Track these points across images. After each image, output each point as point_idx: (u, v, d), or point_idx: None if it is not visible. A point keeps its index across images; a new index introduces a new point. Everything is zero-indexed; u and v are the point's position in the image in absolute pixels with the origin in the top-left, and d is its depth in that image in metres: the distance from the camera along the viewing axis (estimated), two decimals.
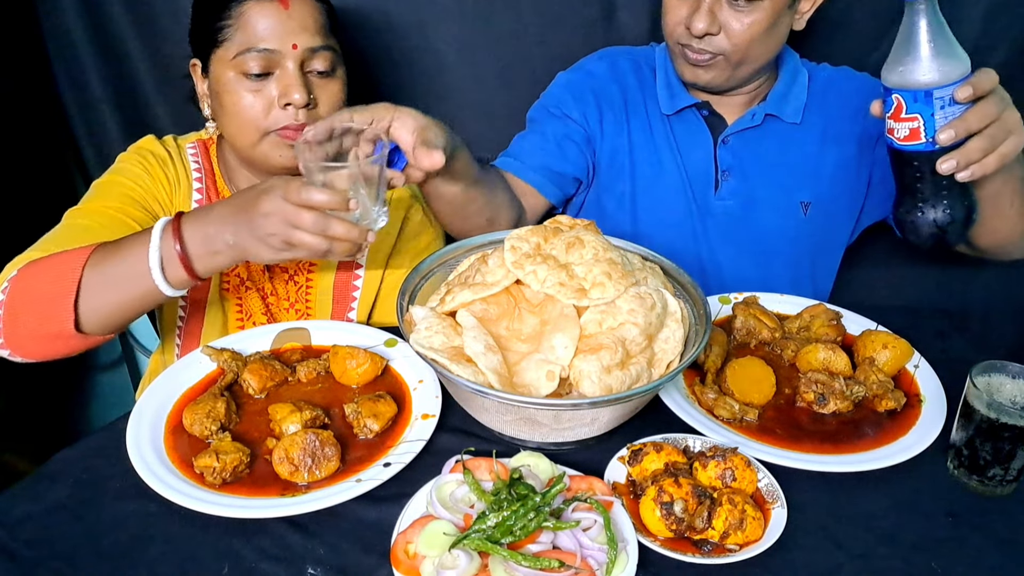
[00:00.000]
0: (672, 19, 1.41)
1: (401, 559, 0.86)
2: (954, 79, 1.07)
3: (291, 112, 1.23)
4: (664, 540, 0.90)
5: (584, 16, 1.75)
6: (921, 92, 1.08)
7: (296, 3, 1.23)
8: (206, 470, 0.96)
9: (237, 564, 0.89)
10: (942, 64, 1.07)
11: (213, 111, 1.32)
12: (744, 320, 1.27)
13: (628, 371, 0.99)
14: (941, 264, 1.96)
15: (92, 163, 1.85)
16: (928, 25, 1.07)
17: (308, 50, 1.23)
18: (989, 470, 0.99)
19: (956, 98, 1.07)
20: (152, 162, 1.35)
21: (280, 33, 1.21)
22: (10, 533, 0.93)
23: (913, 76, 1.08)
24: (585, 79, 1.57)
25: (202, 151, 1.41)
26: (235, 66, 1.23)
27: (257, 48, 1.21)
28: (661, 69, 1.57)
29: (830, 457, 1.03)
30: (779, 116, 1.51)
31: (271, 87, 1.23)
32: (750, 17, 1.34)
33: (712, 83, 1.45)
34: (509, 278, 1.05)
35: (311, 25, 1.24)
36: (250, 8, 1.21)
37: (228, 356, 1.15)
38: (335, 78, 1.29)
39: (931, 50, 1.07)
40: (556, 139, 1.53)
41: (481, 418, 1.06)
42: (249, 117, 1.24)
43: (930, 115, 1.08)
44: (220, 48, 1.24)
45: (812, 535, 0.94)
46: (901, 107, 1.11)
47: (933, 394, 1.14)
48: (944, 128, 1.07)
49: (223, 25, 1.22)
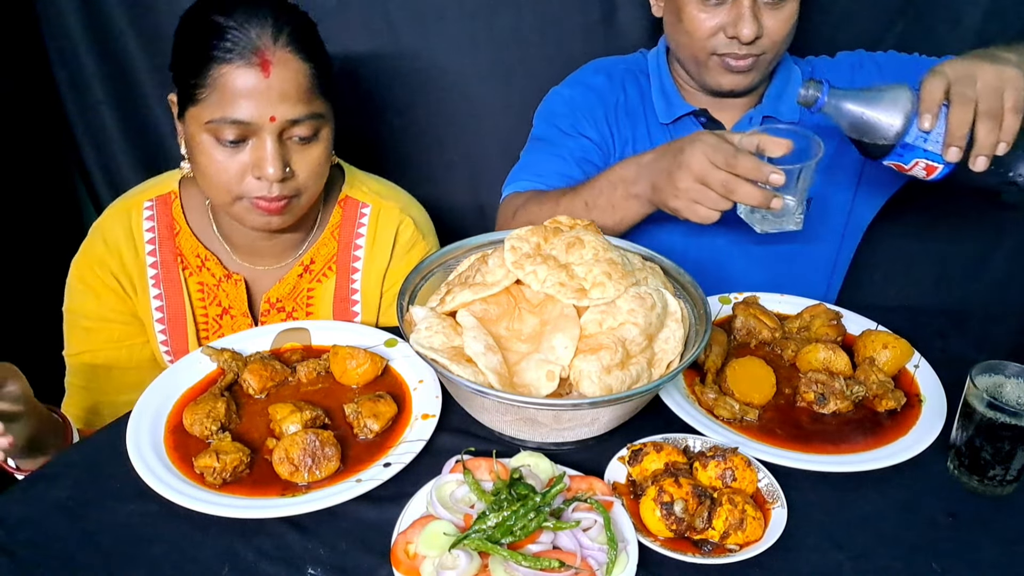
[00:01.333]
0: (704, 30, 1.37)
1: (401, 559, 0.86)
2: (904, 120, 1.10)
3: (265, 184, 1.17)
4: (664, 540, 0.90)
5: (584, 18, 1.75)
6: (897, 148, 1.12)
7: (278, 68, 1.13)
8: (206, 470, 0.96)
9: (237, 564, 0.89)
10: (883, 114, 1.10)
11: (188, 157, 1.25)
12: (744, 320, 1.27)
13: (628, 371, 0.99)
14: (941, 264, 1.97)
15: (92, 163, 1.85)
16: (848, 109, 1.13)
17: (287, 121, 1.15)
18: (989, 470, 0.99)
19: (923, 128, 1.09)
20: (98, 275, 1.32)
21: (258, 104, 1.13)
22: (10, 533, 0.93)
23: (878, 146, 1.13)
24: (590, 95, 1.54)
25: (160, 208, 1.35)
26: (208, 129, 1.15)
27: (232, 119, 1.13)
28: (655, 77, 1.56)
29: (830, 457, 1.02)
30: (776, 117, 1.51)
31: (245, 154, 1.17)
32: (785, 12, 1.35)
33: (749, 87, 1.44)
34: (509, 278, 1.05)
35: (293, 93, 1.15)
36: (227, 73, 1.12)
37: (228, 356, 1.15)
38: (317, 142, 1.21)
39: (868, 120, 1.12)
40: (575, 159, 1.49)
41: (481, 418, 1.06)
42: (222, 181, 1.18)
43: (923, 152, 1.11)
44: (195, 106, 1.16)
45: (812, 535, 0.93)
46: (900, 167, 1.15)
47: (933, 394, 1.14)
48: (945, 150, 1.09)
49: (199, 84, 1.14)
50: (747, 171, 1.12)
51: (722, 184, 1.14)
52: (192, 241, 1.35)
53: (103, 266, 1.33)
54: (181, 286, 1.35)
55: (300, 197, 1.23)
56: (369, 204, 1.41)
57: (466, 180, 1.91)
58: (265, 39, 1.13)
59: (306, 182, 1.22)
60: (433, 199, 1.86)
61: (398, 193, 1.47)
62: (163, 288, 1.35)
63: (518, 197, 1.46)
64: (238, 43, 1.12)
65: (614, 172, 1.32)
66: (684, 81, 1.54)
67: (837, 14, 1.74)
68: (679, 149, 1.19)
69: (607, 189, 1.31)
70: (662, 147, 1.26)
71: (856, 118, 1.13)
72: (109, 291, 1.33)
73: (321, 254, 1.39)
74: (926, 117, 1.08)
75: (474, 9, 1.72)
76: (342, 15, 1.72)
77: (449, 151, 1.88)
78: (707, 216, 1.18)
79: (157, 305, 1.36)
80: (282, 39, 1.14)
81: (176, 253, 1.35)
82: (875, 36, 1.76)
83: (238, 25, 1.13)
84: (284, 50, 1.14)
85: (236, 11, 1.14)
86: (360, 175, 1.45)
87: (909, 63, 1.51)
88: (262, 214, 1.21)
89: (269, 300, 1.37)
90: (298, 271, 1.37)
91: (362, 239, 1.40)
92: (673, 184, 1.18)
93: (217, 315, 1.37)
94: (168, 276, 1.35)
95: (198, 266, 1.36)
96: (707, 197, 1.16)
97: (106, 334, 1.35)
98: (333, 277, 1.39)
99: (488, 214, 1.92)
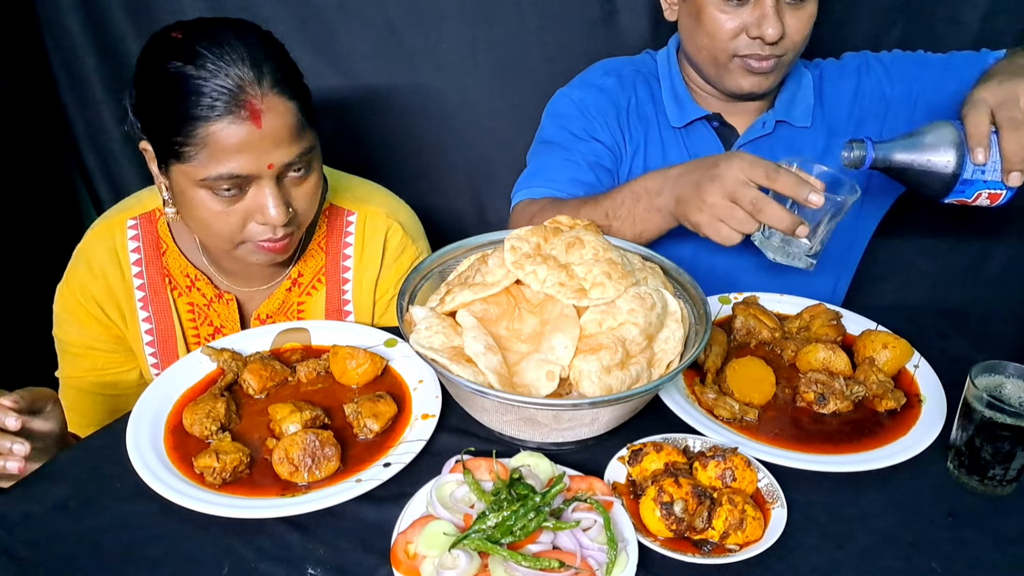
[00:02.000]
0: (726, 31, 1.35)
1: (401, 559, 0.86)
2: (956, 159, 1.10)
3: (269, 228, 1.15)
4: (664, 540, 0.90)
5: (585, 17, 1.75)
6: (957, 186, 1.11)
7: (269, 115, 1.07)
8: (206, 470, 0.96)
9: (237, 564, 0.89)
10: (938, 163, 1.10)
11: (176, 206, 1.19)
12: (744, 320, 1.27)
13: (628, 371, 0.99)
14: (941, 264, 1.97)
15: (92, 163, 1.85)
16: (898, 160, 1.12)
17: (284, 165, 1.12)
18: (989, 470, 0.99)
19: (977, 163, 1.09)
20: (81, 304, 1.30)
21: (254, 156, 1.08)
22: (10, 533, 0.93)
23: (938, 184, 1.12)
24: (601, 97, 1.51)
25: (144, 226, 1.31)
26: (203, 185, 1.10)
27: (229, 175, 1.08)
28: (666, 79, 1.53)
29: (830, 457, 1.02)
30: (789, 121, 1.49)
31: (245, 202, 1.13)
32: (806, 12, 1.34)
33: (768, 89, 1.42)
34: (509, 278, 1.05)
35: (286, 136, 1.10)
36: (216, 132, 1.05)
37: (228, 356, 1.15)
38: (311, 173, 1.18)
39: (921, 167, 1.11)
40: (588, 164, 1.46)
41: (481, 418, 1.06)
42: (223, 232, 1.15)
43: (983, 183, 1.11)
44: (182, 163, 1.09)
45: (812, 535, 0.93)
46: (964, 202, 1.15)
47: (933, 394, 1.14)
48: (1007, 176, 1.09)
49: (184, 143, 1.07)
50: (787, 187, 1.10)
51: (752, 202, 1.11)
52: (180, 260, 1.32)
53: (86, 293, 1.30)
54: (170, 307, 1.33)
55: (301, 228, 1.23)
56: (355, 211, 1.38)
57: (467, 181, 1.91)
58: (248, 85, 1.06)
59: (305, 213, 1.21)
60: (433, 200, 1.86)
61: (383, 196, 1.44)
62: (152, 310, 1.33)
63: (532, 204, 1.42)
64: (221, 96, 1.05)
65: (639, 183, 1.29)
66: (697, 84, 1.52)
67: (838, 13, 1.74)
68: (713, 163, 1.16)
69: (630, 200, 1.28)
70: (694, 161, 1.22)
71: (908, 167, 1.12)
72: (93, 320, 1.31)
73: (309, 266, 1.37)
74: (978, 151, 1.07)
75: (474, 9, 1.72)
76: (342, 16, 1.72)
77: (450, 152, 1.88)
78: (728, 237, 1.15)
79: (147, 328, 1.34)
80: (266, 81, 1.07)
81: (163, 273, 1.32)
82: (875, 35, 1.77)
83: (212, 75, 1.04)
84: (271, 93, 1.08)
85: (203, 56, 1.05)
86: (343, 179, 1.42)
87: (914, 62, 1.50)
88: (267, 254, 1.19)
89: (259, 317, 1.35)
90: (287, 285, 1.36)
91: (350, 248, 1.38)
92: (700, 197, 1.15)
93: (209, 334, 1.36)
94: (156, 297, 1.33)
95: (187, 286, 1.33)
96: (733, 216, 1.13)
97: (91, 362, 1.35)
98: (323, 289, 1.38)
99: (489, 215, 1.92)
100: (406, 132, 1.85)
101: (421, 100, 1.81)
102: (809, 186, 1.10)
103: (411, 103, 1.81)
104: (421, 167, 1.88)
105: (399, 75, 1.78)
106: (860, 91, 1.52)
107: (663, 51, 1.57)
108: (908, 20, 1.75)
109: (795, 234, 1.11)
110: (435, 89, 1.80)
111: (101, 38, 1.72)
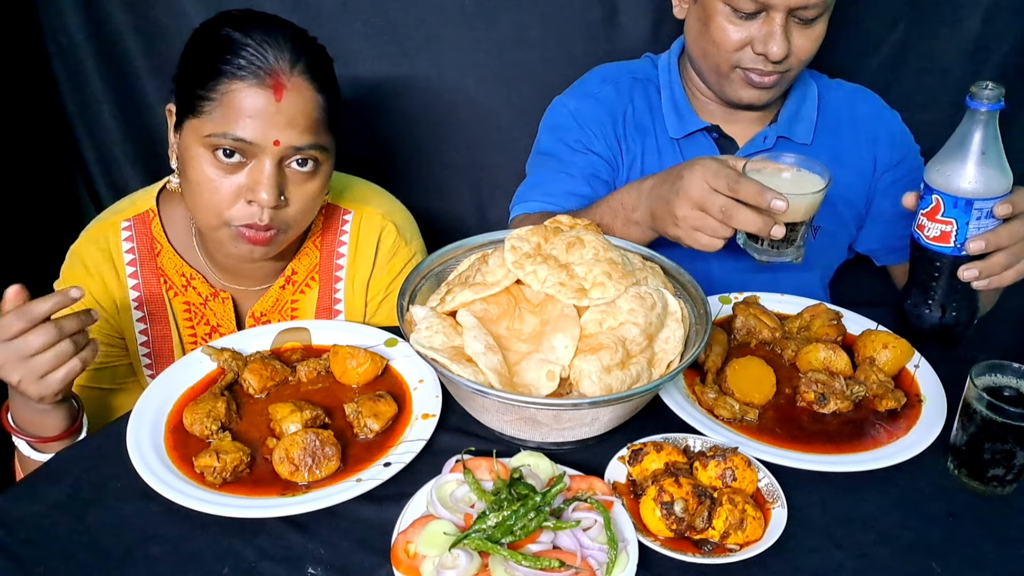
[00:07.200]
0: (731, 43, 1.34)
1: (401, 559, 0.86)
2: (997, 193, 1.09)
3: (256, 210, 1.14)
4: (664, 540, 0.90)
5: (585, 18, 1.75)
6: (963, 200, 1.10)
7: (291, 94, 1.11)
8: (206, 470, 0.96)
9: (237, 564, 0.89)
10: (990, 177, 1.09)
11: (179, 171, 1.21)
12: (744, 320, 1.27)
13: (628, 371, 0.99)
14: None
15: (92, 163, 1.85)
16: (985, 136, 1.08)
17: (291, 148, 1.12)
18: (989, 470, 0.99)
19: (995, 213, 1.09)
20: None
21: (264, 125, 1.10)
22: (10, 533, 0.93)
23: (959, 183, 1.10)
24: (598, 108, 1.50)
25: (139, 228, 1.31)
26: (207, 143, 1.12)
27: (234, 136, 1.10)
28: (666, 88, 1.51)
29: (830, 457, 1.02)
30: (791, 138, 1.48)
31: (241, 175, 1.13)
32: (815, 31, 1.34)
33: (768, 102, 1.42)
34: (509, 278, 1.05)
35: (301, 122, 1.12)
36: (238, 90, 1.09)
37: (228, 356, 1.15)
38: (316, 176, 1.18)
39: (983, 161, 1.09)
40: (584, 176, 1.46)
41: (481, 418, 1.06)
42: (211, 202, 1.14)
43: (965, 223, 1.11)
44: (196, 118, 1.12)
45: (812, 535, 0.93)
46: (939, 208, 1.13)
47: (933, 394, 1.14)
48: (976, 238, 1.10)
49: (205, 96, 1.11)
50: (749, 196, 1.09)
51: (721, 210, 1.11)
52: (176, 260, 1.32)
53: (83, 288, 1.29)
54: (166, 308, 1.33)
55: (287, 232, 1.21)
56: (351, 211, 1.38)
57: (467, 182, 1.91)
58: (282, 63, 1.11)
59: (296, 216, 1.19)
60: (433, 201, 1.86)
61: (381, 197, 1.44)
62: (147, 311, 1.33)
63: (528, 219, 1.42)
64: (253, 62, 1.10)
65: (614, 198, 1.30)
66: (698, 91, 1.50)
67: (838, 16, 1.74)
68: (678, 175, 1.16)
69: (608, 216, 1.29)
70: (662, 173, 1.23)
71: (980, 152, 1.09)
72: None
73: (303, 264, 1.37)
74: (1006, 206, 1.08)
75: (475, 10, 1.72)
76: (343, 17, 1.72)
77: (451, 153, 1.88)
78: (709, 244, 1.15)
79: (141, 328, 1.33)
80: (299, 66, 1.12)
81: (158, 274, 1.32)
82: (876, 38, 1.77)
83: (256, 44, 1.10)
84: (299, 77, 1.12)
85: (255, 31, 1.12)
86: (342, 179, 1.42)
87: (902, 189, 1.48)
88: (246, 244, 1.18)
89: (254, 315, 1.35)
90: (280, 283, 1.35)
91: (344, 247, 1.38)
92: (672, 212, 1.16)
93: (206, 333, 1.36)
94: (152, 298, 1.32)
95: (183, 285, 1.33)
96: (707, 224, 1.14)
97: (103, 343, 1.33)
98: (316, 287, 1.38)
99: (489, 216, 1.92)
100: (406, 132, 1.85)
101: (422, 101, 1.81)
102: (772, 192, 1.09)
103: (412, 104, 1.81)
104: (421, 167, 1.88)
105: (400, 76, 1.78)
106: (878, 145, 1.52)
107: (664, 56, 1.56)
108: (909, 21, 1.74)
109: (770, 235, 1.11)
110: (436, 90, 1.80)
111: (101, 38, 1.72)
